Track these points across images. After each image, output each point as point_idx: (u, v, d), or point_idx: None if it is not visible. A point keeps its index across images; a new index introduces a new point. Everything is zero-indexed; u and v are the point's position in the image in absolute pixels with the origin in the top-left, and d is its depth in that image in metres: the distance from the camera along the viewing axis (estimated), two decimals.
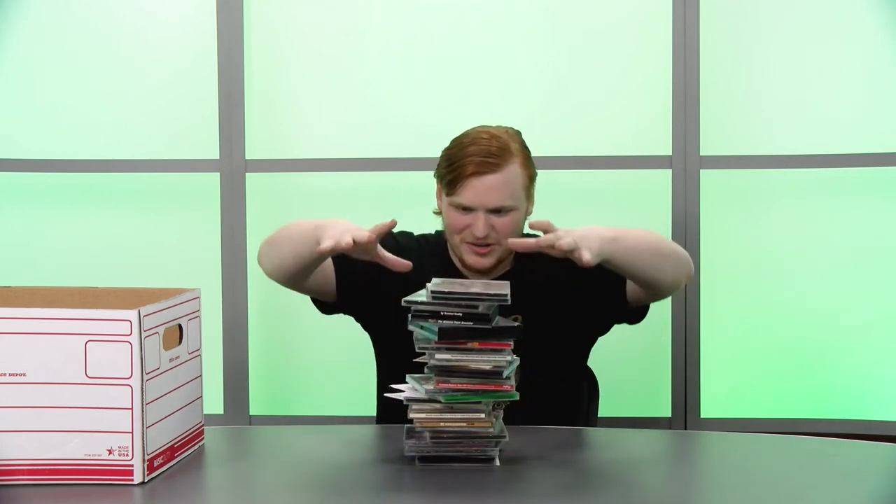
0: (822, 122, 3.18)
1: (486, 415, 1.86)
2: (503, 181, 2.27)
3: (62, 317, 1.75)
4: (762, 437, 2.13)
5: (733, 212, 3.21)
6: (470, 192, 2.27)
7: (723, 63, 3.17)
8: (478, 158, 2.27)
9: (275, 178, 3.28)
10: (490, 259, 2.31)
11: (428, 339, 1.87)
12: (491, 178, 2.26)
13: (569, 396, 2.43)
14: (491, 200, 2.27)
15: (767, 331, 3.21)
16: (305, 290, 2.35)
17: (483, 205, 2.27)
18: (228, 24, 3.22)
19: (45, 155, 3.30)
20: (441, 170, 2.34)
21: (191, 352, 1.94)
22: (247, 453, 2.03)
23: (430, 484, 1.78)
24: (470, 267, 2.34)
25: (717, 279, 3.19)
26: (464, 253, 2.32)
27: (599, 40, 3.22)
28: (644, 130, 3.19)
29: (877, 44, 3.14)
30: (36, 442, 1.74)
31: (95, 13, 3.31)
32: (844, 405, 3.19)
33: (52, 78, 3.32)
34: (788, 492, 1.76)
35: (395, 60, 3.26)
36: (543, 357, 2.25)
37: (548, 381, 2.30)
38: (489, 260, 2.31)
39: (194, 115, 3.28)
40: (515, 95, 3.24)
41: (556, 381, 2.35)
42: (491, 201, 2.27)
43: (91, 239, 3.33)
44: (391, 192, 3.24)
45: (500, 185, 2.27)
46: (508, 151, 2.29)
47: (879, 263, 3.17)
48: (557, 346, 2.33)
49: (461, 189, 2.27)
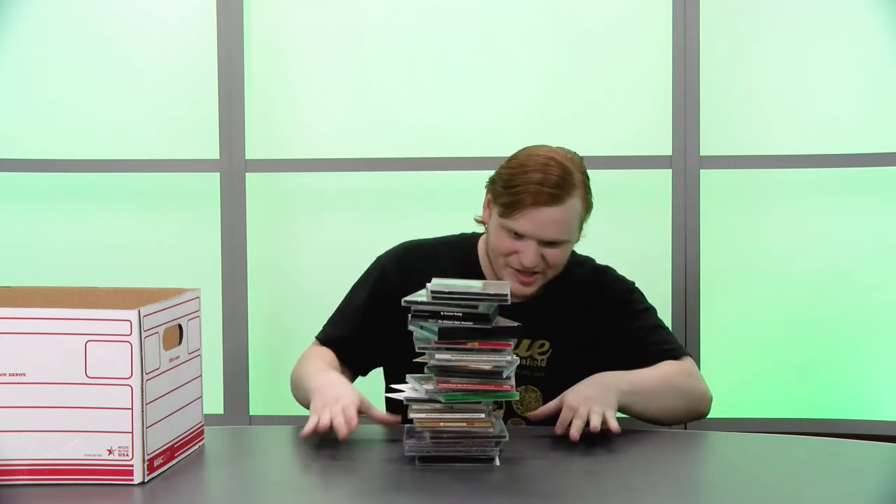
0: (822, 122, 3.18)
1: (486, 415, 1.86)
2: (563, 216, 2.17)
3: (62, 317, 1.74)
4: (762, 437, 2.12)
5: (733, 212, 3.21)
6: (527, 222, 2.17)
7: (723, 63, 3.17)
8: (544, 189, 2.15)
9: (275, 178, 3.28)
10: (533, 288, 2.23)
11: (428, 339, 1.87)
12: (552, 211, 2.16)
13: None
14: (547, 233, 2.18)
15: (767, 331, 3.21)
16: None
17: (538, 236, 2.18)
18: (228, 24, 3.22)
19: (45, 155, 3.30)
20: (497, 187, 2.22)
21: (191, 352, 1.93)
22: (247, 453, 2.03)
23: (430, 484, 1.78)
24: (512, 293, 2.19)
25: (717, 279, 3.19)
26: (506, 277, 2.23)
27: (599, 40, 3.22)
28: (644, 130, 3.19)
29: (877, 44, 3.14)
30: (36, 442, 1.74)
31: (95, 13, 3.31)
32: (844, 405, 3.19)
33: (52, 78, 3.32)
34: (788, 492, 1.76)
35: (395, 60, 3.26)
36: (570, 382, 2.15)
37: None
38: (532, 289, 2.23)
39: (194, 115, 3.28)
40: (515, 95, 3.24)
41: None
42: (547, 234, 2.18)
43: (91, 239, 3.33)
44: (391, 192, 3.24)
45: (560, 219, 2.17)
46: (572, 184, 2.18)
47: (879, 263, 3.18)
48: (584, 372, 2.21)
49: (518, 216, 2.17)
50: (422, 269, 2.22)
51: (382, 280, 2.33)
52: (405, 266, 2.32)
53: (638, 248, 3.20)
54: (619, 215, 3.21)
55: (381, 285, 2.32)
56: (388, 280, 2.31)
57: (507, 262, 2.22)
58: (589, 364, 2.19)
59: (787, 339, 3.21)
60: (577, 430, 1.99)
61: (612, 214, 3.21)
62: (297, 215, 3.31)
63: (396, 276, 2.30)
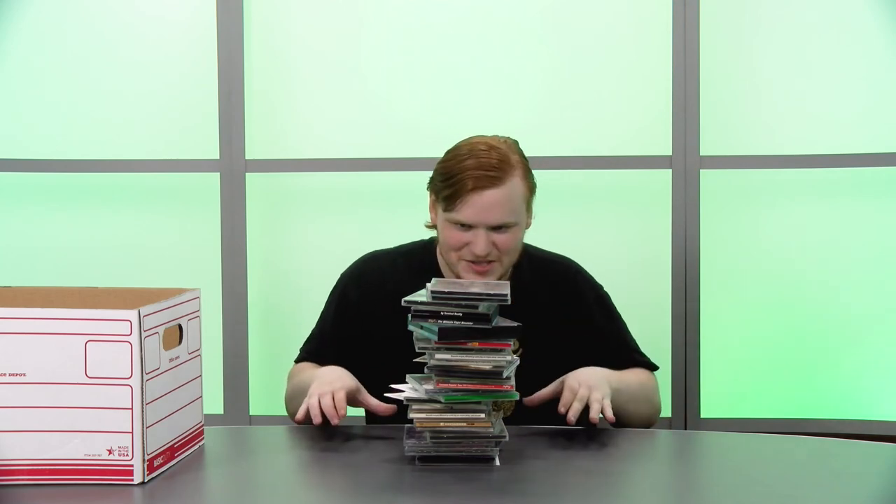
0: (822, 122, 3.18)
1: (486, 415, 1.86)
2: (505, 196, 2.16)
3: (62, 317, 1.75)
4: (762, 437, 2.13)
5: (733, 212, 3.21)
6: (470, 208, 2.16)
7: (723, 63, 3.17)
8: (478, 172, 2.14)
9: (275, 178, 3.28)
10: (490, 278, 2.22)
11: (428, 339, 1.87)
12: (492, 192, 2.15)
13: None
14: (492, 217, 2.16)
15: (767, 331, 3.21)
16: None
17: (484, 222, 2.16)
18: (228, 24, 3.22)
19: (45, 155, 3.30)
20: (436, 184, 2.22)
21: (191, 352, 1.93)
22: (247, 453, 2.03)
23: (430, 484, 1.78)
24: None
25: (717, 279, 3.19)
26: (462, 271, 2.23)
27: (599, 41, 3.22)
28: (644, 130, 3.19)
29: (877, 44, 3.14)
30: (36, 442, 1.74)
31: (95, 13, 3.31)
32: (844, 405, 3.19)
33: (52, 78, 3.32)
34: (788, 492, 1.76)
35: (394, 61, 3.26)
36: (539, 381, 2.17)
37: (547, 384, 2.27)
38: (489, 279, 2.22)
39: (194, 115, 3.28)
40: (516, 95, 3.24)
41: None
42: (492, 218, 2.16)
43: (91, 239, 3.33)
44: (391, 192, 3.24)
45: (503, 200, 2.16)
46: (509, 164, 2.17)
47: (879, 263, 3.17)
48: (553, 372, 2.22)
49: (460, 205, 2.16)
50: (381, 282, 2.29)
51: (344, 300, 2.35)
52: (364, 281, 2.34)
53: (638, 248, 3.20)
54: (619, 215, 3.21)
55: (344, 306, 2.35)
56: (349, 299, 2.34)
57: (460, 255, 2.21)
58: (559, 363, 2.20)
59: (787, 339, 3.21)
60: (574, 413, 2.03)
61: (612, 214, 3.21)
62: (297, 215, 3.31)
63: (356, 294, 2.33)
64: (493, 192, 2.15)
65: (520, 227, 2.22)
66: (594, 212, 3.22)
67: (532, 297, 2.28)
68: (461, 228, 2.18)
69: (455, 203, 2.17)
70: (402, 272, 2.30)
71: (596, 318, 2.33)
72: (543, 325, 2.27)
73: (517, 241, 2.23)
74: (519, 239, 2.24)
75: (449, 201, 2.18)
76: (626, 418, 2.18)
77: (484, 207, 2.16)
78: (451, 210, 2.18)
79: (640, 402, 2.24)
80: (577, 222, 3.21)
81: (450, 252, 2.23)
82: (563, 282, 2.35)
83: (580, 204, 3.22)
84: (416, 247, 2.38)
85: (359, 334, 2.30)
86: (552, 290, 2.33)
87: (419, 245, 2.38)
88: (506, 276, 2.27)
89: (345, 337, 2.33)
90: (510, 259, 2.25)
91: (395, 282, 2.18)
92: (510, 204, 2.17)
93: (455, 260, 2.23)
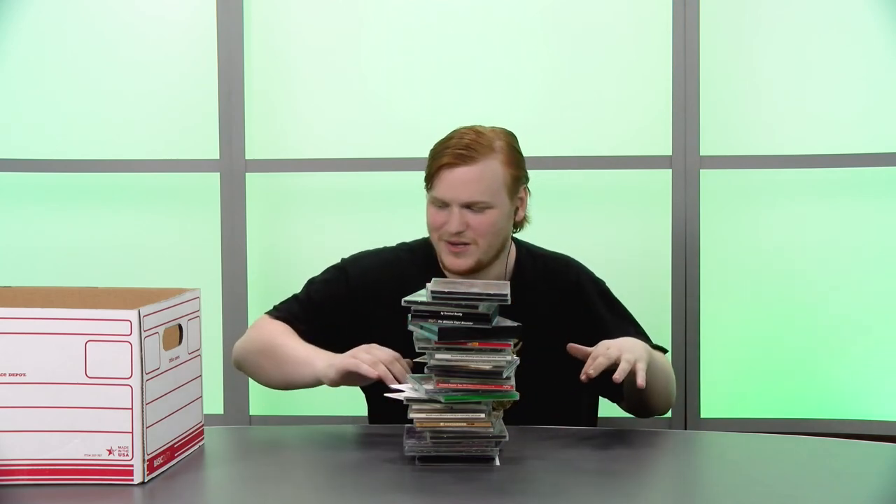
0: (822, 122, 3.18)
1: (486, 415, 1.86)
2: (478, 175, 2.23)
3: (62, 317, 1.75)
4: (762, 437, 2.13)
5: (733, 212, 3.21)
6: (443, 184, 2.24)
7: (723, 63, 3.17)
8: (454, 151, 2.23)
9: (275, 178, 3.28)
10: (467, 260, 2.26)
11: (428, 339, 1.87)
12: (464, 169, 2.23)
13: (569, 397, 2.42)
14: (463, 194, 2.23)
15: (767, 330, 3.21)
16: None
17: (456, 198, 2.23)
18: (228, 24, 3.22)
19: (45, 155, 3.30)
20: (425, 172, 2.31)
21: (191, 352, 1.94)
22: (247, 453, 2.03)
23: (430, 484, 1.78)
24: (448, 268, 2.29)
25: (716, 279, 3.19)
26: (441, 252, 2.28)
27: (599, 41, 3.22)
28: (644, 130, 3.19)
29: (877, 44, 3.14)
30: (36, 442, 1.74)
31: (95, 13, 3.31)
32: (844, 405, 3.19)
33: (52, 78, 3.32)
34: (788, 492, 1.76)
35: (394, 60, 3.26)
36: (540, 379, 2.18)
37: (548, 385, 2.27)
38: (465, 261, 2.26)
39: (194, 115, 3.28)
40: (515, 95, 3.24)
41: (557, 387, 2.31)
42: (463, 194, 2.23)
43: (91, 239, 3.33)
44: (391, 192, 3.24)
45: (474, 178, 2.23)
46: (488, 147, 2.25)
47: (879, 263, 3.17)
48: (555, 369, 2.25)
49: (436, 182, 2.25)
50: (383, 275, 2.33)
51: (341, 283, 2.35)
52: (370, 277, 2.36)
53: (638, 248, 3.20)
54: (619, 215, 3.21)
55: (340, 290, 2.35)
56: (351, 288, 2.34)
57: (439, 235, 2.27)
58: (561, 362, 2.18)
59: (787, 339, 3.21)
60: (596, 368, 2.02)
61: (612, 214, 3.21)
62: (297, 215, 3.30)
63: (358, 281, 2.34)
64: (465, 170, 2.23)
65: (498, 211, 2.25)
66: (594, 212, 3.22)
67: (533, 296, 2.28)
68: (439, 207, 2.25)
69: (433, 181, 2.26)
70: (406, 266, 2.35)
71: (601, 312, 2.34)
72: (545, 324, 2.27)
73: (494, 224, 2.25)
74: (497, 223, 2.26)
75: (428, 180, 2.27)
76: (653, 392, 2.17)
77: (454, 184, 2.23)
78: (430, 189, 2.27)
79: (665, 384, 2.24)
80: (577, 222, 3.21)
81: (432, 232, 2.29)
82: (565, 279, 2.36)
83: (580, 204, 3.22)
84: (420, 244, 2.42)
85: (350, 324, 2.32)
86: (554, 288, 2.33)
87: (423, 241, 2.41)
88: (487, 262, 2.29)
89: (330, 323, 2.32)
90: (487, 243, 2.26)
91: (400, 275, 2.23)
92: (483, 183, 2.23)
93: (436, 241, 2.29)
